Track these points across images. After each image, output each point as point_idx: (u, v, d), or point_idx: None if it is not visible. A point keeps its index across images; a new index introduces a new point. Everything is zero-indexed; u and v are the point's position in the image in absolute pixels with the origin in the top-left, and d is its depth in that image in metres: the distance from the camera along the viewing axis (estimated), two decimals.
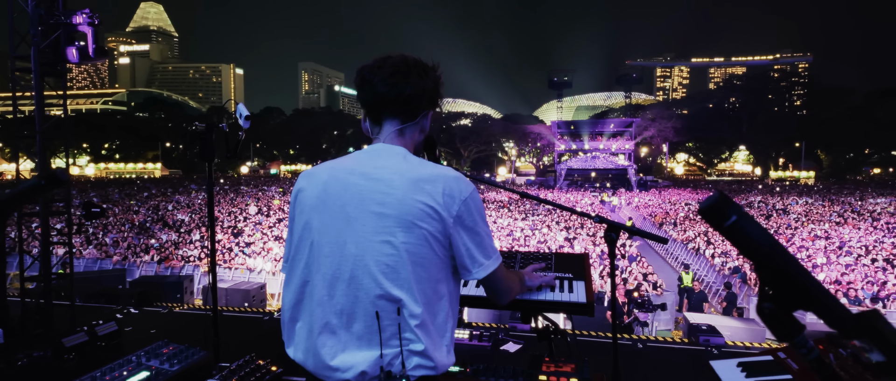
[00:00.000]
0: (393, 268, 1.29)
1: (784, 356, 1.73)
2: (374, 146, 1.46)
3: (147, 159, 70.74)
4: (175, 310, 7.11)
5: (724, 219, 0.71)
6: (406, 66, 1.41)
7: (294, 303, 1.41)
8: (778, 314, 0.70)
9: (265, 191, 37.61)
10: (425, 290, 1.31)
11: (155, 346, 3.06)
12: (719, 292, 14.29)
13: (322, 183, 1.40)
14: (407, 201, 1.30)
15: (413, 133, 1.49)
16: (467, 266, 1.37)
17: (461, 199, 1.33)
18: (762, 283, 0.71)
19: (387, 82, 1.41)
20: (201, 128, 3.40)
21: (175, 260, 14.61)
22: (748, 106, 66.43)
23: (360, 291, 1.31)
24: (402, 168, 1.36)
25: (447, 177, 1.35)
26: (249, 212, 24.83)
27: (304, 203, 1.41)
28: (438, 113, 1.59)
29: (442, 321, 1.35)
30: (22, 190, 1.30)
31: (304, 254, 1.39)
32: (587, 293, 1.75)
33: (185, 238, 17.67)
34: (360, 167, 1.39)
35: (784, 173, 66.10)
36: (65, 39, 5.24)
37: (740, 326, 9.50)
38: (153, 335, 5.72)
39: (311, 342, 1.36)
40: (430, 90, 1.46)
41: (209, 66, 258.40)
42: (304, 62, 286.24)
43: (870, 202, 30.53)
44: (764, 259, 0.69)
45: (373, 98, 1.44)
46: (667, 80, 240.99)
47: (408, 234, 1.29)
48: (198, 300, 11.13)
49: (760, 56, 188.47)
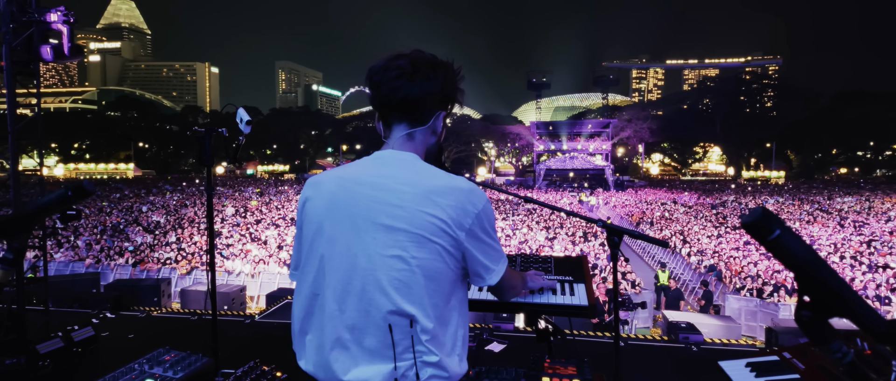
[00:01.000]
0: (405, 284, 1.26)
1: (790, 357, 1.78)
2: (382, 153, 1.41)
3: (119, 160, 69.06)
4: (153, 314, 6.95)
5: (767, 233, 0.73)
6: (413, 66, 1.35)
7: (304, 315, 1.39)
8: (816, 322, 0.72)
9: (242, 192, 37.08)
10: (437, 303, 1.29)
11: (156, 353, 3.01)
12: (696, 290, 14.57)
13: (329, 192, 1.36)
14: (419, 215, 1.26)
15: (425, 137, 1.43)
16: (481, 274, 1.36)
17: (474, 213, 1.30)
18: (801, 292, 0.73)
19: (392, 85, 1.35)
20: (200, 132, 3.32)
21: (151, 263, 14.29)
22: (721, 107, 67.89)
23: (372, 306, 1.28)
24: (411, 178, 1.31)
25: (460, 189, 1.31)
26: (226, 213, 24.43)
27: (312, 213, 1.37)
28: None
29: (453, 330, 1.34)
30: (48, 201, 1.28)
31: (314, 266, 1.36)
32: (589, 296, 1.77)
33: (161, 240, 17.30)
34: (367, 176, 1.34)
35: (756, 173, 67.75)
36: (38, 37, 5.08)
37: (718, 323, 9.71)
38: (132, 340, 5.59)
39: (323, 356, 1.33)
40: (440, 91, 1.39)
41: (183, 64, 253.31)
42: (281, 61, 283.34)
43: (837, 201, 31.47)
44: (804, 270, 0.71)
45: (380, 101, 1.40)
46: (642, 81, 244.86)
47: (421, 249, 1.26)
48: (175, 304, 10.90)
49: (732, 58, 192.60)
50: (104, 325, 5.95)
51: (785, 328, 7.90)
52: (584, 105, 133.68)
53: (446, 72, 1.40)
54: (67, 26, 5.12)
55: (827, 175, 65.74)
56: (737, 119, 66.09)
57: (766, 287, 12.12)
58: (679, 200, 34.83)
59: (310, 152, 79.42)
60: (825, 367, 1.66)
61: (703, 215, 26.90)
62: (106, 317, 6.27)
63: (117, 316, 6.43)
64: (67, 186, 1.29)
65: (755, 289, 12.23)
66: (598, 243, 18.16)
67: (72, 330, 4.53)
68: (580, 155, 58.51)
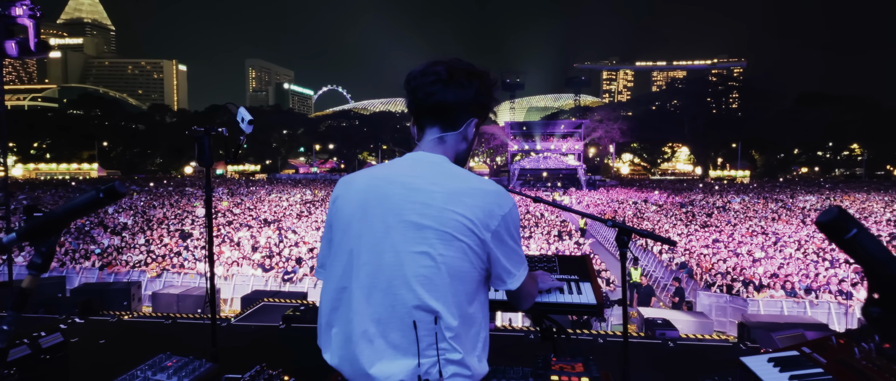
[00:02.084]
0: (431, 280, 1.29)
1: (809, 351, 1.82)
2: (414, 154, 1.46)
3: (82, 160, 66.79)
4: (124, 319, 6.75)
5: (844, 232, 0.75)
6: (448, 73, 1.39)
7: (331, 309, 1.41)
8: (886, 318, 0.74)
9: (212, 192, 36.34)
10: (461, 302, 1.31)
11: (157, 359, 2.91)
12: (668, 287, 14.89)
13: (361, 190, 1.40)
14: (446, 212, 1.29)
15: (456, 142, 1.47)
16: (502, 278, 1.38)
17: (501, 214, 1.33)
18: (871, 289, 0.75)
19: (427, 90, 1.40)
20: (199, 132, 3.22)
21: (119, 266, 13.87)
22: (689, 108, 69.62)
23: (397, 301, 1.30)
24: (440, 179, 1.35)
25: (488, 191, 1.34)
26: (197, 214, 23.89)
27: (343, 210, 1.41)
28: (392, 113, 1.59)
29: (476, 331, 1.36)
30: (78, 203, 1.23)
31: (342, 261, 1.38)
32: (596, 294, 1.78)
33: (129, 242, 16.80)
34: (398, 176, 1.38)
35: (722, 173, 69.63)
36: (2, 32, 4.86)
37: (691, 319, 9.93)
38: (103, 346, 5.41)
39: (348, 349, 1.35)
40: (473, 99, 1.43)
41: (150, 62, 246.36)
42: (252, 59, 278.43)
43: (800, 199, 32.60)
44: (878, 268, 0.73)
45: (414, 105, 1.46)
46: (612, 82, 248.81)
47: (447, 247, 1.29)
48: (146, 308, 10.60)
49: (699, 61, 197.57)
50: (72, 330, 5.75)
51: (756, 323, 8.14)
52: (557, 106, 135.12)
53: (481, 81, 1.44)
54: (33, 21, 4.91)
55: (789, 174, 68.05)
56: (704, 120, 67.87)
57: (735, 284, 12.45)
58: (649, 199, 35.55)
59: (281, 152, 78.28)
60: (846, 361, 1.71)
61: (673, 214, 27.51)
62: (74, 322, 6.06)
63: (86, 321, 6.22)
64: (98, 187, 1.24)
65: (725, 285, 12.55)
66: (573, 242, 18.38)
67: (39, 336, 4.36)
68: (553, 155, 59.18)
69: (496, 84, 1.49)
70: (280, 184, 47.50)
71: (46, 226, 1.21)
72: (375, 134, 76.06)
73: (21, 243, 1.20)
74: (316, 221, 23.99)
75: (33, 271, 1.20)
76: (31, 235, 1.20)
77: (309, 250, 16.30)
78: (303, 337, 5.88)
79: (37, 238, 1.20)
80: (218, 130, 3.29)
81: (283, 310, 8.52)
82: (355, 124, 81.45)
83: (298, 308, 7.90)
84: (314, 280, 13.83)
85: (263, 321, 7.65)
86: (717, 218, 26.07)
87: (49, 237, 1.21)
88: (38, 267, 1.20)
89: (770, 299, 11.86)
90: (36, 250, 1.20)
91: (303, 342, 5.68)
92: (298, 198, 33.64)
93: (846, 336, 1.85)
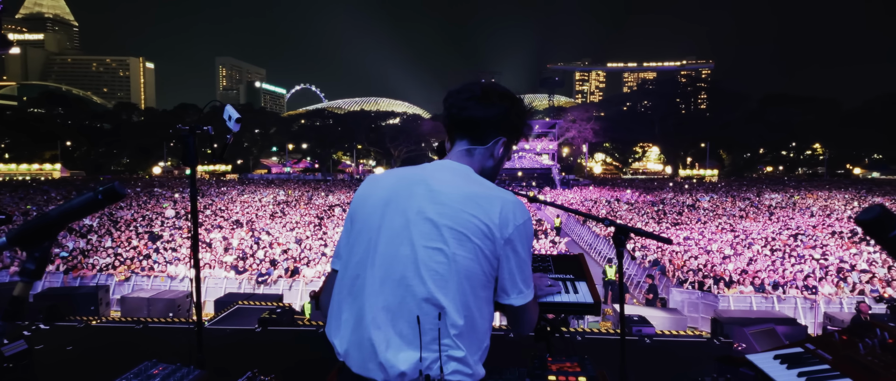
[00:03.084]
0: (442, 276, 1.34)
1: (813, 348, 1.85)
2: (441, 161, 1.54)
3: (44, 160, 64.40)
4: (92, 324, 6.53)
5: (888, 230, 0.73)
6: (483, 92, 1.50)
7: (343, 296, 1.46)
8: None
9: (181, 192, 35.46)
10: (469, 304, 1.35)
11: (143, 367, 2.80)
12: (641, 284, 15.15)
13: (387, 187, 1.47)
14: (463, 214, 1.35)
15: (483, 157, 1.54)
16: (507, 290, 1.42)
17: (516, 224, 1.38)
18: None
19: (460, 105, 1.51)
20: (184, 131, 3.11)
21: (85, 269, 13.43)
22: (659, 109, 70.93)
23: (408, 292, 1.35)
24: (462, 183, 1.42)
25: (505, 199, 1.40)
26: (166, 215, 23.31)
27: (367, 203, 1.48)
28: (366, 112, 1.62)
29: (479, 337, 1.39)
30: (74, 206, 1.15)
31: (360, 250, 1.44)
32: (592, 294, 1.78)
33: (95, 245, 16.27)
34: (423, 177, 1.46)
35: (691, 172, 71.19)
36: None
37: (665, 315, 10.13)
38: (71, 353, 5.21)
39: (359, 334, 1.39)
40: (502, 117, 1.51)
41: (115, 59, 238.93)
42: (222, 57, 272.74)
43: (766, 198, 33.58)
44: None
45: (448, 120, 1.56)
46: (585, 83, 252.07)
47: (461, 246, 1.34)
48: (115, 312, 10.27)
49: (669, 62, 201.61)
50: (37, 337, 5.54)
51: (728, 318, 8.35)
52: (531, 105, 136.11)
53: (512, 103, 1.53)
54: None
55: (755, 173, 70.01)
56: (673, 120, 69.25)
57: (706, 280, 12.74)
58: (622, 197, 36.13)
59: (253, 152, 76.94)
60: (852, 357, 1.74)
61: (645, 212, 28.02)
62: (39, 329, 5.84)
63: (52, 327, 6.00)
64: (96, 188, 1.15)
65: (697, 282, 12.83)
66: (549, 241, 18.55)
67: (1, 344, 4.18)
68: (528, 154, 59.66)
69: (530, 112, 1.55)
70: (252, 184, 46.68)
71: (40, 229, 1.13)
72: (350, 133, 75.35)
73: (11, 247, 1.12)
74: (290, 221, 23.66)
75: (26, 278, 1.13)
76: (22, 239, 1.12)
77: (283, 251, 16.07)
78: (280, 340, 5.78)
79: (29, 243, 1.13)
80: (204, 129, 3.18)
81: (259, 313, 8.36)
82: (329, 124, 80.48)
83: (274, 311, 7.76)
84: (289, 282, 13.63)
85: (239, 324, 7.49)
86: (687, 216, 26.66)
87: (43, 242, 1.14)
88: (32, 274, 1.13)
89: (740, 295, 12.18)
90: (28, 255, 1.13)
91: (281, 345, 5.59)
92: (271, 199, 33.13)
93: (848, 332, 1.89)
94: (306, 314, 9.83)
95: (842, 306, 11.68)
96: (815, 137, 65.50)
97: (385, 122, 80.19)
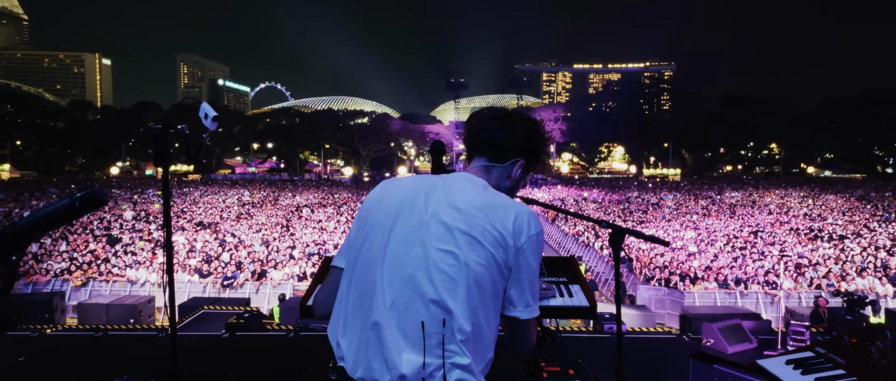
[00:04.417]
0: (452, 279, 1.32)
1: (824, 351, 1.83)
2: (459, 173, 1.55)
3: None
4: (47, 333, 6.20)
5: None
6: (505, 114, 1.57)
7: (350, 295, 1.43)
8: None
9: (141, 194, 34.25)
10: (476, 310, 1.33)
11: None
12: (609, 281, 15.39)
13: (406, 190, 1.47)
14: (478, 220, 1.36)
15: (500, 177, 1.57)
16: (515, 302, 1.40)
17: (529, 234, 1.38)
18: None
19: (481, 125, 1.56)
20: (156, 130, 2.92)
21: (38, 275, 12.80)
22: (624, 109, 72.47)
23: (416, 293, 1.33)
24: (477, 193, 1.44)
25: (520, 209, 1.41)
26: (126, 217, 22.45)
27: (383, 204, 1.47)
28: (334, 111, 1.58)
29: (485, 349, 1.36)
30: (48, 214, 1.00)
31: (370, 249, 1.42)
32: (588, 297, 1.73)
33: (49, 249, 15.52)
34: (442, 185, 1.47)
35: (655, 171, 72.98)
36: None
37: (634, 312, 10.28)
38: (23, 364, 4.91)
39: (364, 334, 1.37)
40: (522, 139, 1.55)
41: (69, 55, 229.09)
42: (184, 54, 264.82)
43: (727, 196, 34.65)
44: None
45: (469, 139, 1.60)
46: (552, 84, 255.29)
47: (473, 251, 1.33)
48: (71, 320, 9.79)
49: (633, 64, 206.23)
50: None
51: (696, 314, 8.53)
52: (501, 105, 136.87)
53: (533, 127, 1.59)
54: None
55: (716, 172, 72.24)
56: (638, 121, 70.87)
57: (672, 277, 13.01)
58: (589, 196, 36.72)
59: (216, 151, 75.03)
60: (865, 360, 1.73)
61: (612, 210, 28.52)
62: None
63: (2, 337, 5.67)
64: (73, 194, 1.00)
65: (663, 279, 13.10)
66: None
67: None
68: None
69: (549, 135, 1.61)
70: (215, 185, 45.45)
71: (6, 240, 0.99)
72: (318, 132, 74.31)
73: None
74: (256, 223, 23.13)
75: None
76: None
77: (248, 253, 15.68)
78: (250, 346, 5.59)
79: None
80: (178, 128, 3.01)
81: (225, 318, 8.10)
82: (296, 122, 79.17)
83: (242, 315, 7.52)
84: (256, 285, 13.30)
85: (204, 329, 7.23)
86: (652, 214, 27.27)
87: (11, 254, 1.00)
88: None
89: (705, 291, 12.49)
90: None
91: (251, 351, 5.40)
92: (236, 200, 32.35)
93: (858, 335, 1.89)
94: (275, 318, 9.59)
95: (801, 301, 12.11)
96: (772, 137, 68.01)
97: (353, 121, 79.41)
